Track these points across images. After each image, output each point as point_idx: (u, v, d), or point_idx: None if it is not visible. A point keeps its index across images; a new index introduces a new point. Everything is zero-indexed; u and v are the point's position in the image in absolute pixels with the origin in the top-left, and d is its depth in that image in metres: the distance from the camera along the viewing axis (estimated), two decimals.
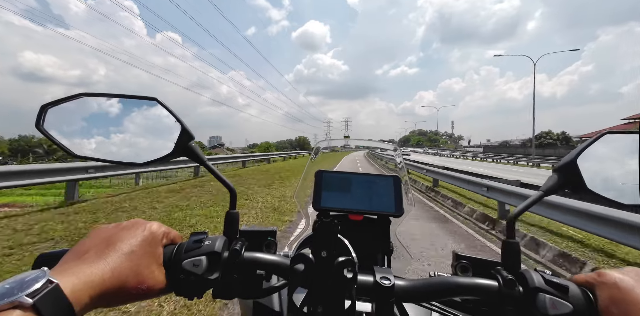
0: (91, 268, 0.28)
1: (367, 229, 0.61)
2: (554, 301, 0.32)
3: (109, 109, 0.43)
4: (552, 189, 0.42)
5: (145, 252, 0.33)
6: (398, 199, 0.59)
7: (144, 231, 0.34)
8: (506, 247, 0.40)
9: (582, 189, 0.40)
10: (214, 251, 0.36)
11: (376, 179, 0.62)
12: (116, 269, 0.29)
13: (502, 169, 19.66)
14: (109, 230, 0.34)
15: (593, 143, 0.41)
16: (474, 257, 0.42)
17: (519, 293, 0.35)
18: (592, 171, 0.40)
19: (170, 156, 0.42)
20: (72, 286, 0.25)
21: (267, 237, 0.45)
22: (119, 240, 0.32)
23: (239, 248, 0.38)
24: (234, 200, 0.45)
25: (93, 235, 0.33)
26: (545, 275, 0.35)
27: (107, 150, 0.41)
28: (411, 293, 0.37)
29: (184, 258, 0.35)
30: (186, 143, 0.43)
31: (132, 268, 0.31)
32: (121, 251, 0.31)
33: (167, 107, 0.43)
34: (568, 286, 0.33)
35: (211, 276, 0.35)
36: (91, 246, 0.31)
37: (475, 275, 0.41)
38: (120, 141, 0.42)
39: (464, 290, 0.37)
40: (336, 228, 0.36)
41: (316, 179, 0.62)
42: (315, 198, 0.60)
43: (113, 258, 0.30)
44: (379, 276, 0.37)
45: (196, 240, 0.38)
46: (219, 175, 0.45)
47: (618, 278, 0.31)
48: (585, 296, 0.33)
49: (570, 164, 0.41)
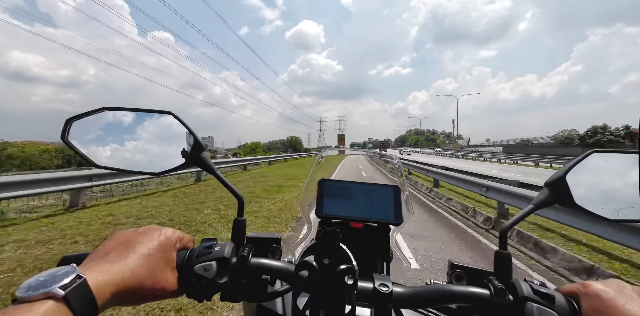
0: (113, 267, 0.30)
1: (367, 237, 0.63)
2: (540, 310, 0.34)
3: (128, 122, 0.46)
4: (543, 202, 0.44)
5: (161, 256, 0.35)
6: (397, 208, 0.62)
7: (159, 236, 0.37)
8: (498, 257, 0.42)
9: (570, 204, 0.42)
10: (223, 256, 0.39)
11: (377, 189, 0.65)
12: (135, 269, 0.32)
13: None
14: (128, 234, 0.37)
15: (581, 161, 0.43)
16: (468, 266, 0.44)
17: (509, 301, 0.37)
18: (580, 187, 0.42)
19: (183, 166, 0.45)
20: (97, 282, 0.28)
21: (273, 243, 0.47)
22: (137, 243, 0.35)
23: (246, 253, 0.41)
24: (242, 208, 0.48)
25: (114, 238, 0.36)
26: (534, 284, 0.37)
27: (125, 160, 0.44)
28: (408, 299, 0.39)
29: (196, 263, 0.38)
30: (198, 154, 0.45)
31: (148, 269, 0.33)
32: (140, 253, 0.33)
33: (182, 121, 0.46)
34: (554, 296, 0.35)
35: (220, 280, 0.37)
36: (112, 247, 0.34)
37: (469, 284, 0.42)
38: (137, 152, 0.45)
39: (458, 298, 0.39)
40: (338, 237, 0.38)
41: (319, 188, 0.65)
42: (318, 205, 0.62)
43: (132, 259, 0.32)
44: (378, 283, 0.39)
45: (207, 246, 0.40)
46: (227, 184, 0.47)
47: (601, 290, 0.33)
48: (570, 305, 0.35)
49: (560, 180, 0.43)
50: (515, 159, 31.89)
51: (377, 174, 9.19)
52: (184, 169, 0.45)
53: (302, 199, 0.74)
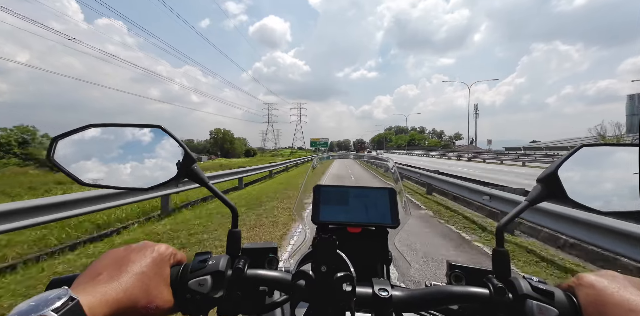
0: (106, 288, 0.29)
1: (365, 241, 0.62)
2: (540, 307, 0.34)
3: (116, 138, 0.45)
4: (537, 198, 0.44)
5: (155, 273, 0.35)
6: (394, 210, 0.62)
7: (152, 253, 0.36)
8: (496, 256, 0.42)
9: (564, 198, 0.42)
10: (218, 270, 0.38)
11: (372, 192, 0.65)
12: (128, 289, 0.31)
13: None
14: (120, 252, 0.36)
15: (572, 155, 0.44)
16: (466, 266, 0.44)
17: (509, 300, 0.36)
18: (572, 181, 0.42)
19: (174, 179, 0.44)
20: (90, 303, 0.27)
21: (269, 253, 0.47)
22: (130, 262, 0.34)
23: (241, 266, 0.40)
24: (236, 219, 0.47)
25: (105, 257, 0.35)
26: (533, 281, 0.37)
27: (114, 177, 0.43)
28: (408, 303, 0.39)
29: (190, 278, 0.37)
30: (189, 166, 0.45)
31: (142, 288, 0.32)
32: (132, 272, 0.33)
33: (171, 134, 0.45)
34: (553, 291, 0.35)
35: (216, 295, 0.37)
36: (104, 267, 0.33)
37: (469, 284, 0.42)
38: (126, 168, 0.44)
39: (458, 299, 0.39)
40: (334, 244, 0.38)
41: (314, 194, 0.65)
42: (314, 212, 0.62)
43: (125, 279, 0.32)
44: (377, 288, 0.38)
45: (201, 260, 0.39)
46: (221, 196, 0.47)
47: (594, 280, 0.34)
48: (569, 300, 0.35)
49: (551, 175, 0.43)
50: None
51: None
52: (175, 182, 0.45)
53: (298, 206, 0.74)
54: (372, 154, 20.15)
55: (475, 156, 36.89)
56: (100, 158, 0.44)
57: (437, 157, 44.71)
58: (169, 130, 0.45)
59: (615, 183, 0.43)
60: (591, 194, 0.42)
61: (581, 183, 0.43)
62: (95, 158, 0.44)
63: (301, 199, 0.74)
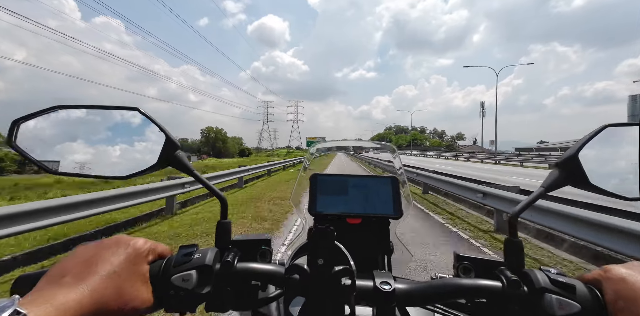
0: (68, 294, 0.26)
1: (365, 232, 0.59)
2: (561, 302, 0.31)
3: (88, 122, 0.41)
4: (554, 184, 0.40)
5: (130, 271, 0.31)
6: (396, 200, 0.58)
7: (127, 249, 0.33)
8: (509, 246, 0.39)
9: (585, 183, 0.39)
10: (205, 264, 0.35)
11: (373, 181, 0.61)
12: (96, 291, 0.28)
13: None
14: (90, 249, 0.32)
15: (594, 137, 0.40)
16: (476, 257, 0.41)
17: (524, 293, 0.34)
18: (594, 164, 0.39)
19: (155, 167, 0.40)
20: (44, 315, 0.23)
21: (261, 246, 0.43)
22: (100, 260, 0.30)
23: (231, 259, 0.37)
24: (225, 210, 0.44)
25: (74, 255, 0.32)
26: (551, 274, 0.34)
27: (86, 165, 0.39)
28: (412, 296, 0.36)
29: (173, 273, 0.34)
30: (171, 153, 0.41)
31: (114, 289, 0.29)
32: (102, 272, 0.29)
33: (150, 117, 0.41)
34: (575, 285, 0.32)
35: (202, 291, 0.34)
36: (70, 268, 0.29)
37: (479, 276, 0.39)
38: (100, 155, 0.40)
39: (467, 292, 0.36)
40: (332, 235, 0.35)
41: (311, 183, 0.61)
42: (311, 202, 0.58)
43: (92, 281, 0.28)
44: (379, 281, 0.36)
45: (185, 253, 0.36)
46: (208, 184, 0.43)
47: (625, 273, 0.31)
48: (592, 294, 0.32)
49: (571, 158, 0.40)
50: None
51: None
52: (156, 170, 0.41)
53: (295, 195, 0.70)
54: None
55: (491, 157, 30.54)
56: (70, 144, 0.39)
57: (447, 158, 38.46)
58: (148, 113, 0.41)
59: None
60: (615, 179, 0.39)
61: (604, 166, 0.39)
62: (66, 144, 0.39)
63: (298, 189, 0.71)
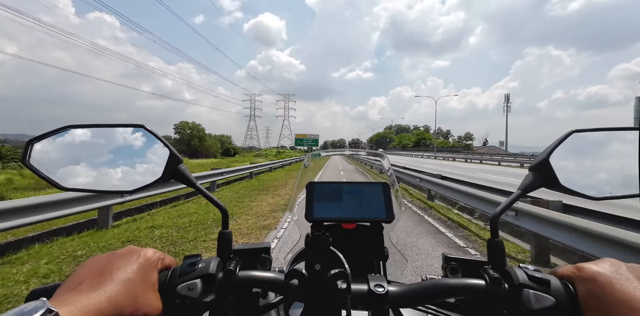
0: (88, 298, 0.28)
1: (361, 237, 0.62)
2: (537, 296, 0.33)
3: (96, 140, 0.43)
4: (530, 187, 0.44)
5: (141, 279, 0.33)
6: (388, 205, 0.61)
7: (138, 258, 0.35)
8: (491, 246, 0.42)
9: (556, 185, 0.42)
10: (208, 273, 0.37)
11: (366, 187, 0.64)
12: (112, 298, 0.29)
13: None
14: (103, 259, 0.34)
15: (562, 142, 0.43)
16: (462, 258, 0.44)
17: (505, 290, 0.36)
18: (564, 168, 0.42)
19: (159, 180, 0.43)
20: (71, 315, 0.25)
21: (261, 254, 0.45)
22: (114, 268, 0.32)
23: (233, 267, 0.39)
24: (226, 220, 0.46)
25: (87, 264, 0.33)
26: (528, 270, 0.37)
27: (95, 180, 0.42)
28: (405, 298, 0.38)
29: (179, 283, 0.36)
30: (175, 167, 0.44)
31: (128, 295, 0.31)
32: (117, 279, 0.31)
33: (155, 133, 0.44)
34: (549, 280, 0.35)
35: (207, 299, 0.36)
36: (86, 276, 0.31)
37: (465, 276, 0.42)
38: (108, 171, 0.42)
39: (454, 291, 0.38)
40: (328, 241, 0.37)
41: (307, 191, 0.63)
42: (307, 209, 0.61)
43: (109, 287, 0.30)
44: (373, 285, 0.37)
45: (190, 263, 0.38)
46: (209, 196, 0.45)
47: (596, 273, 0.32)
48: (566, 288, 0.34)
49: (543, 163, 0.43)
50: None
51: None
52: (160, 183, 0.43)
53: (292, 203, 0.72)
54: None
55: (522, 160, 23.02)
56: (80, 161, 0.42)
57: (482, 162, 28.23)
58: (153, 130, 0.44)
59: (606, 168, 0.43)
60: (584, 180, 0.42)
61: (573, 169, 0.43)
62: (75, 161, 0.42)
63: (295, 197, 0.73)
